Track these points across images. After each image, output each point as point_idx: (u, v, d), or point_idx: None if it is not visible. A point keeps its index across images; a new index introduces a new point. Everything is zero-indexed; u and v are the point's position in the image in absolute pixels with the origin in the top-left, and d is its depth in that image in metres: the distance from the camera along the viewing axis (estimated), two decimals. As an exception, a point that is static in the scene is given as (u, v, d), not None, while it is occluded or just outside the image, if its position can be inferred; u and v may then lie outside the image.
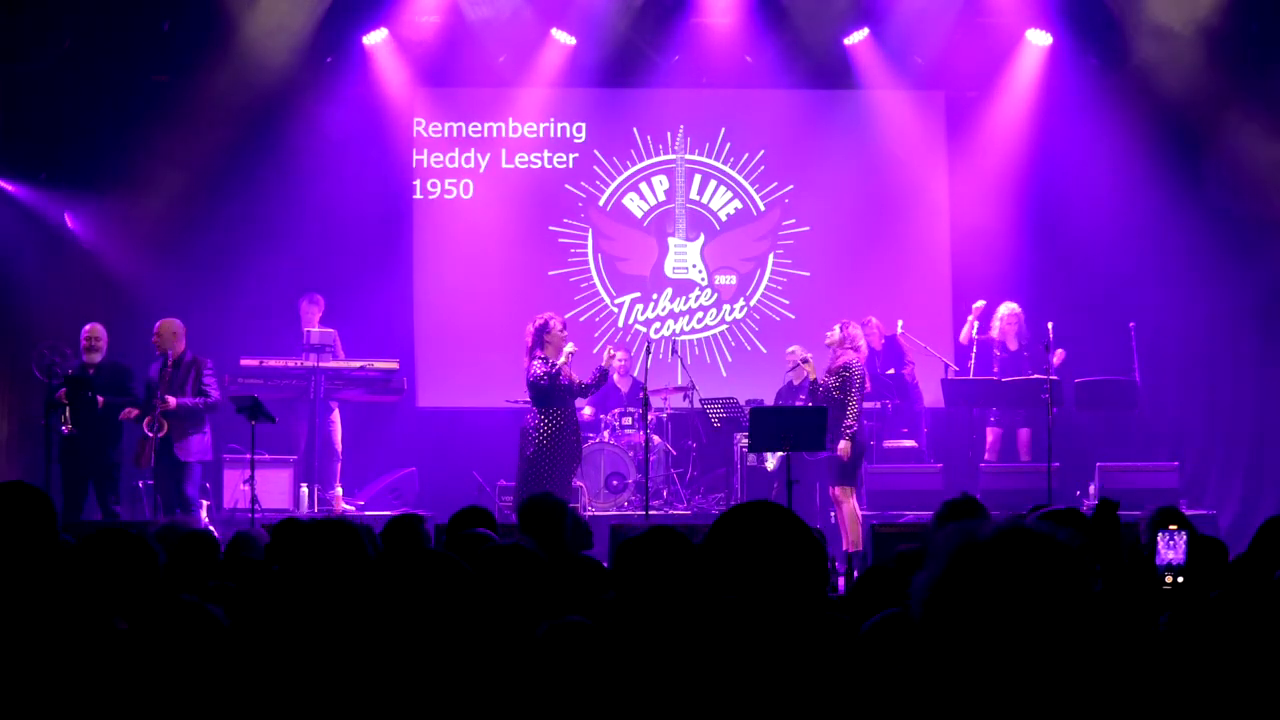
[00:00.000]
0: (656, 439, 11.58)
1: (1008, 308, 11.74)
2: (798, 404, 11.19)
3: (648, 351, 10.64)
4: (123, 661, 2.83)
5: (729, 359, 13.09)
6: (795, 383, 11.58)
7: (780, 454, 10.97)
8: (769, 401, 11.84)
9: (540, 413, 9.75)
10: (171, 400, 10.02)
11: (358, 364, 11.68)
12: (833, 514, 10.33)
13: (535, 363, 9.72)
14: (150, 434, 9.99)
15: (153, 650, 2.83)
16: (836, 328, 10.13)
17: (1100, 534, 3.37)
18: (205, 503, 10.51)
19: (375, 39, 12.55)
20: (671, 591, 3.02)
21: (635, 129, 13.18)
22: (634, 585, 3.04)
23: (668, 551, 3.08)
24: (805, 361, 10.30)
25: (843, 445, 9.80)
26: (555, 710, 2.76)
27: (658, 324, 13.03)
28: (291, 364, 11.56)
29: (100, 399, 10.04)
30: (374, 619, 2.43)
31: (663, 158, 13.21)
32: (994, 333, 11.75)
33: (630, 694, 2.70)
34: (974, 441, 11.78)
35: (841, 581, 7.51)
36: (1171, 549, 4.07)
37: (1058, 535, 1.81)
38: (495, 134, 13.03)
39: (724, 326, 13.11)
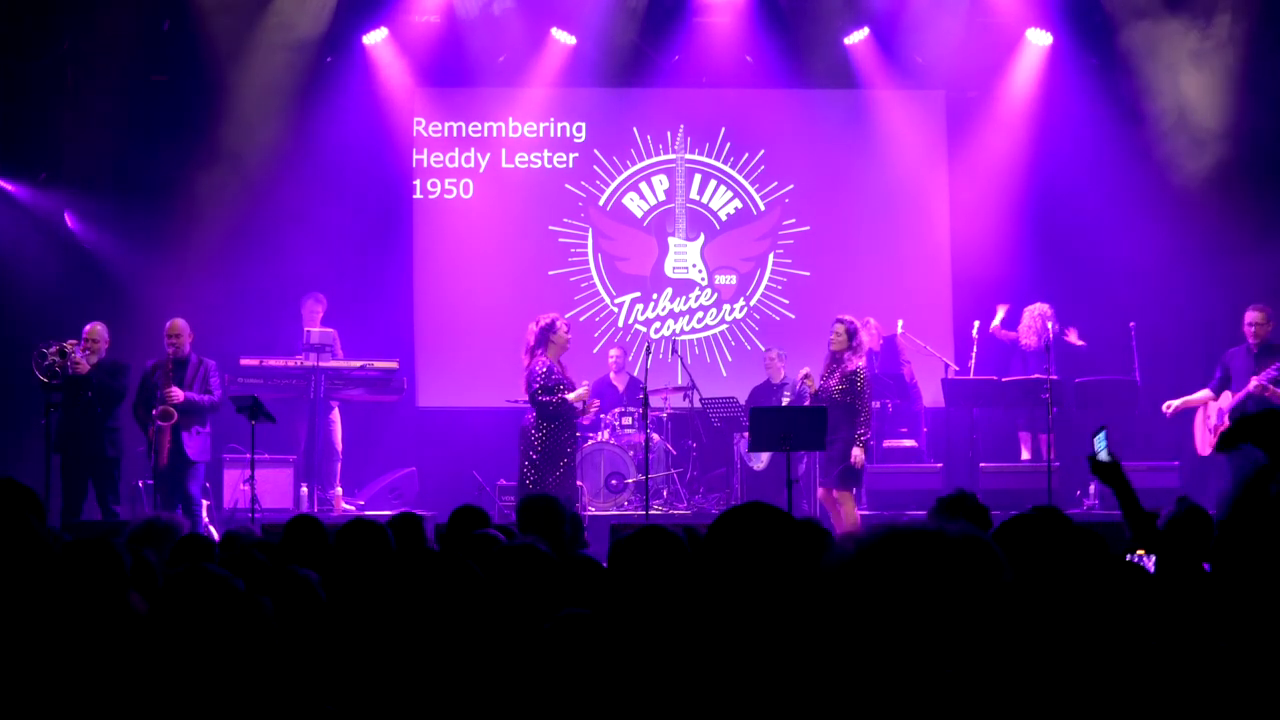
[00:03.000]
0: (656, 439, 11.57)
1: (1036, 306, 11.78)
2: (778, 404, 11.25)
3: (648, 351, 10.63)
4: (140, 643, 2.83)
5: (729, 359, 13.08)
6: (775, 381, 11.61)
7: (768, 455, 10.99)
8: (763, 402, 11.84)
9: (540, 413, 9.76)
10: (179, 393, 10.04)
11: (358, 364, 11.67)
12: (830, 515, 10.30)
13: (537, 361, 9.75)
14: (161, 423, 10.00)
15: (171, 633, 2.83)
16: (840, 328, 10.04)
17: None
18: (205, 503, 10.50)
19: (375, 39, 12.56)
20: (667, 589, 3.01)
21: (635, 129, 13.18)
22: (630, 584, 3.04)
23: (661, 551, 3.07)
24: (806, 377, 10.20)
25: (856, 453, 9.74)
26: (561, 704, 2.76)
27: (658, 324, 13.03)
28: (291, 364, 11.55)
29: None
30: (386, 620, 2.43)
31: (663, 157, 13.20)
32: (1022, 331, 11.78)
33: (631, 689, 2.70)
34: (974, 441, 11.78)
35: None
36: None
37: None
38: (495, 134, 13.02)
39: (724, 326, 13.11)
